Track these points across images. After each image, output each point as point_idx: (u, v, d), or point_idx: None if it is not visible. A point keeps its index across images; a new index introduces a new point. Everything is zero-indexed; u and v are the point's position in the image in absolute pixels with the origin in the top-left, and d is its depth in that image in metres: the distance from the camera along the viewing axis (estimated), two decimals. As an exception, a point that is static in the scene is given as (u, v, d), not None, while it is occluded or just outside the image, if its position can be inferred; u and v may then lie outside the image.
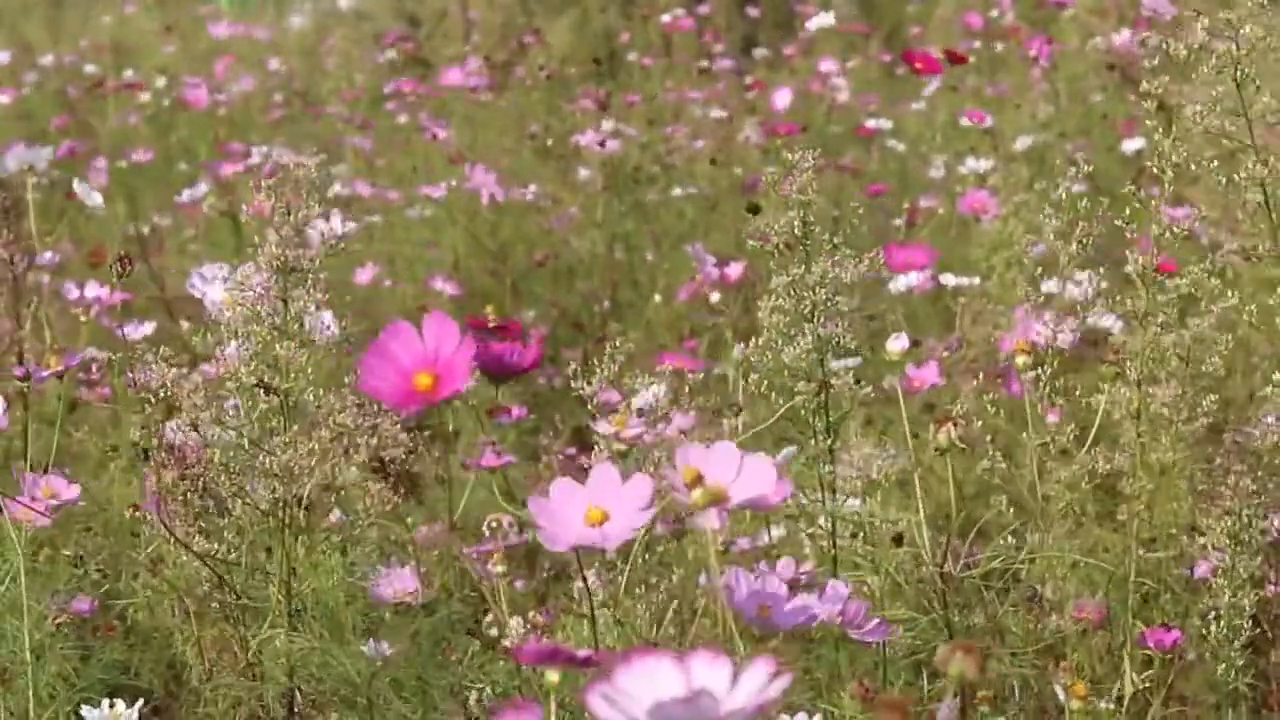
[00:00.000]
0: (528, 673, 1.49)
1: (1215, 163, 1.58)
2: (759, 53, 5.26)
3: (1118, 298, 1.61)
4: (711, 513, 1.09)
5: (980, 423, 1.55)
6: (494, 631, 1.43)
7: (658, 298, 3.49)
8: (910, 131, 4.13)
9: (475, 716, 1.56)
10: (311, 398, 1.46)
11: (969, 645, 0.87)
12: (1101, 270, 1.64)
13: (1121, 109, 4.07)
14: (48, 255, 2.49)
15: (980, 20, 4.77)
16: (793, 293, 1.53)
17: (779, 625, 1.27)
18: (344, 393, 1.45)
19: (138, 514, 1.68)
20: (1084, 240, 1.59)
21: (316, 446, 1.43)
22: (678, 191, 3.88)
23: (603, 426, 1.43)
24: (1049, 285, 2.90)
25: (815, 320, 1.53)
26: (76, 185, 2.19)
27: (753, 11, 5.90)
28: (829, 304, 1.53)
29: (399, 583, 1.62)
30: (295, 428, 1.47)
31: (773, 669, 0.76)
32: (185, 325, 2.61)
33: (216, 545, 1.54)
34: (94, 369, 2.28)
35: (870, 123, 3.92)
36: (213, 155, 4.49)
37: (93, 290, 2.40)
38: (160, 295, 3.09)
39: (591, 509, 1.17)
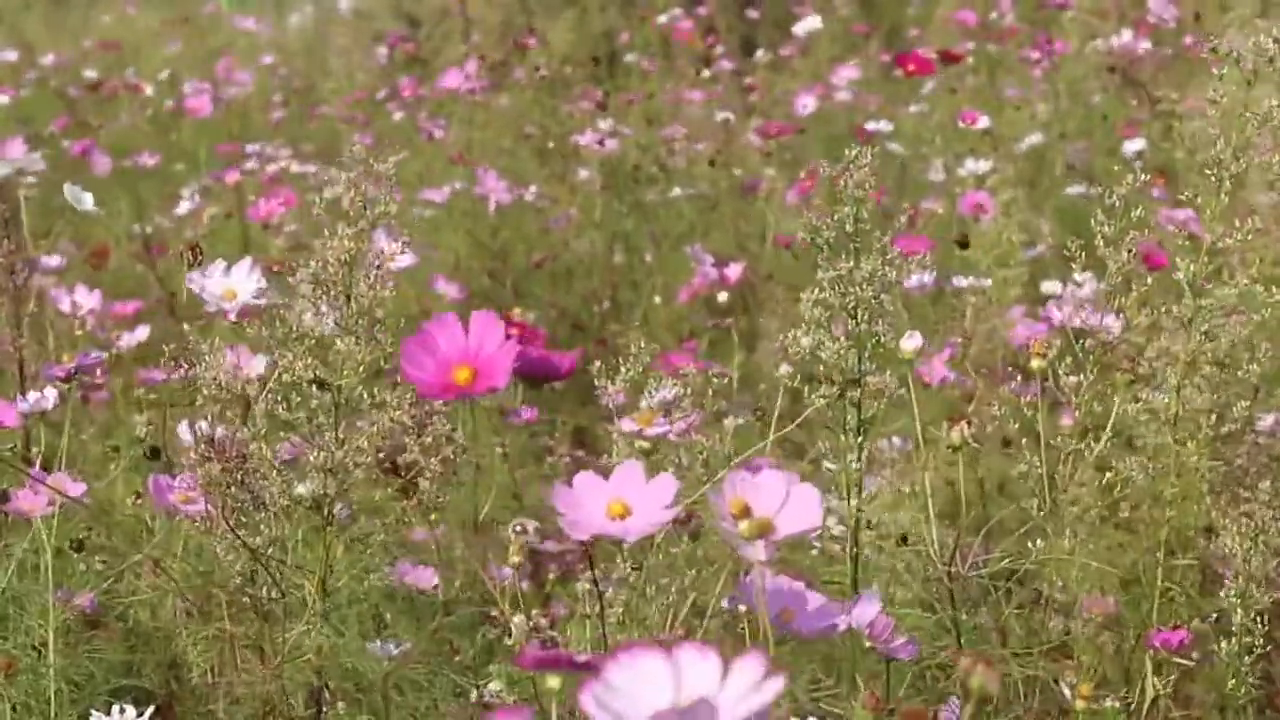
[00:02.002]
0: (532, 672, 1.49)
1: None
2: (758, 54, 5.26)
3: (1162, 305, 1.58)
4: (759, 544, 1.09)
5: (1015, 423, 1.55)
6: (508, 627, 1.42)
7: (657, 298, 3.49)
8: (909, 133, 4.13)
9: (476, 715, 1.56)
10: (363, 394, 1.46)
11: (990, 658, 0.87)
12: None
13: (1122, 111, 4.07)
14: (54, 260, 2.48)
15: (973, 18, 4.77)
16: (838, 287, 1.51)
17: (800, 631, 1.24)
18: (398, 391, 1.44)
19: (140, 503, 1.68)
20: (1131, 249, 1.57)
21: (367, 443, 1.43)
22: (677, 191, 3.87)
23: (626, 424, 1.42)
24: (1048, 285, 2.91)
25: (859, 318, 1.51)
26: (67, 189, 2.18)
27: (752, 13, 5.90)
28: (875, 301, 1.51)
29: (418, 579, 1.62)
30: (344, 424, 1.46)
31: (764, 666, 0.74)
32: (186, 327, 2.61)
33: (255, 539, 1.53)
34: (98, 371, 2.26)
35: (870, 125, 3.92)
36: (213, 159, 4.48)
37: (83, 296, 2.38)
38: (166, 298, 3.08)
39: (613, 502, 1.17)
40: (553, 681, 1.01)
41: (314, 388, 1.45)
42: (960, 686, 0.91)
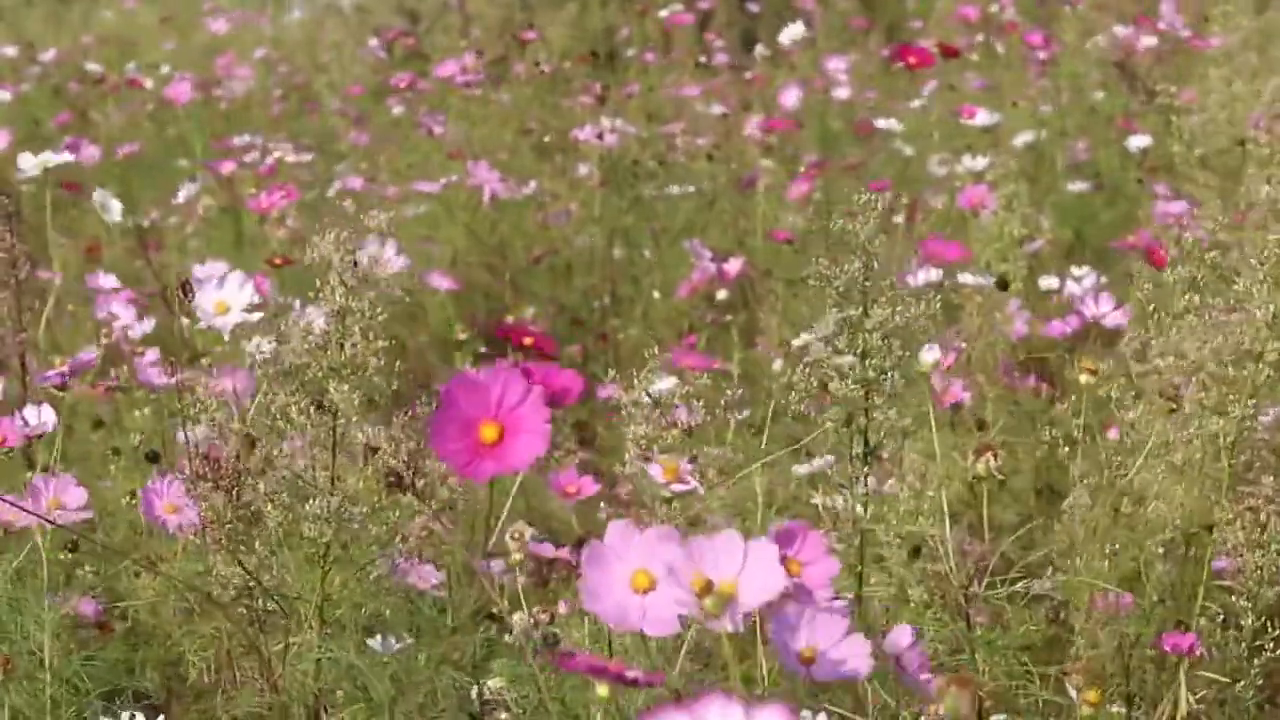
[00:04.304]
0: (533, 670, 1.48)
1: None
2: (758, 48, 5.25)
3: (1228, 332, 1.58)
4: (725, 617, 1.04)
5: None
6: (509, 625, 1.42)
7: (656, 294, 3.48)
8: (909, 129, 4.12)
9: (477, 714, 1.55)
10: (358, 431, 1.45)
11: (963, 679, 0.86)
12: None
13: (1122, 104, 4.06)
14: (110, 281, 2.47)
15: (975, 11, 4.76)
16: (846, 330, 1.54)
17: (817, 677, 1.13)
18: (393, 430, 1.43)
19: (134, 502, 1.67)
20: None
21: (363, 487, 1.43)
22: (675, 188, 3.86)
23: (655, 470, 1.41)
24: (1049, 281, 2.90)
25: (866, 362, 1.54)
26: (96, 195, 2.18)
27: (753, 6, 5.89)
28: (884, 345, 1.54)
29: (421, 578, 1.62)
30: (341, 460, 1.46)
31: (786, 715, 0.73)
32: (185, 322, 2.60)
33: (251, 555, 1.52)
34: (112, 374, 2.26)
35: (880, 123, 3.91)
36: (208, 151, 4.48)
37: (119, 307, 2.37)
38: (161, 291, 3.08)
39: (639, 572, 1.09)
40: (602, 690, 0.99)
41: (311, 411, 1.44)
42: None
